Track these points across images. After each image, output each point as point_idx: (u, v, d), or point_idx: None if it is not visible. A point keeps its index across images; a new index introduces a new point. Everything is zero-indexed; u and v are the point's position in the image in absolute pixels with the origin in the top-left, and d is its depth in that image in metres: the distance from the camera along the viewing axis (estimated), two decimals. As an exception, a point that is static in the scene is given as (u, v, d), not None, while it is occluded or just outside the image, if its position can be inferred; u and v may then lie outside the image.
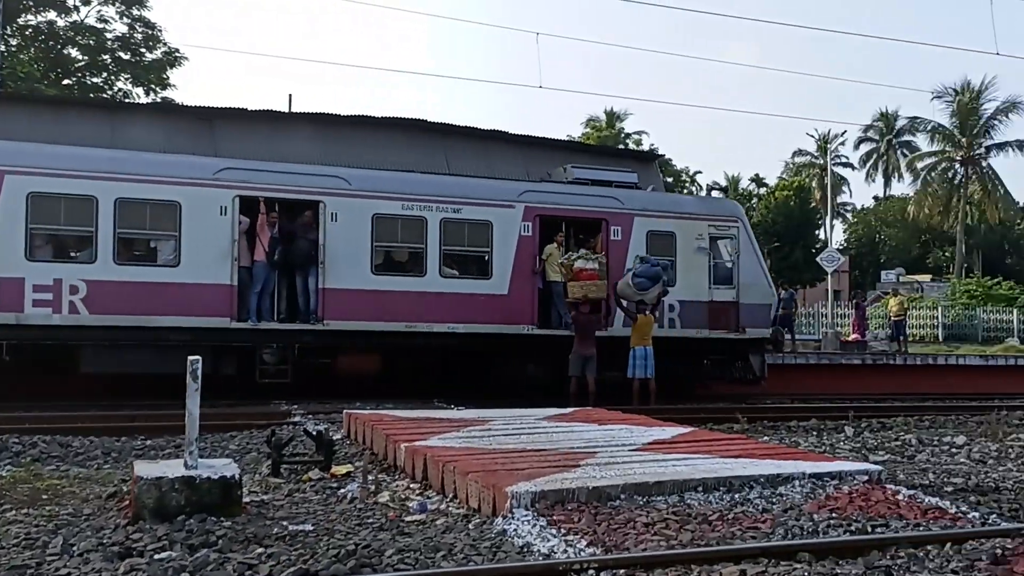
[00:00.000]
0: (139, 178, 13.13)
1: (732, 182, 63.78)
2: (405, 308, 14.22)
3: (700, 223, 16.32)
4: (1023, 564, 4.55)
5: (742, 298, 16.34)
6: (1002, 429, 10.89)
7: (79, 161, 13.07)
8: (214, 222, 13.34)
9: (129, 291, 12.88)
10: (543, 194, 15.50)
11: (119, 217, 12.95)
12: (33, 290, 12.45)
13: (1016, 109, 49.89)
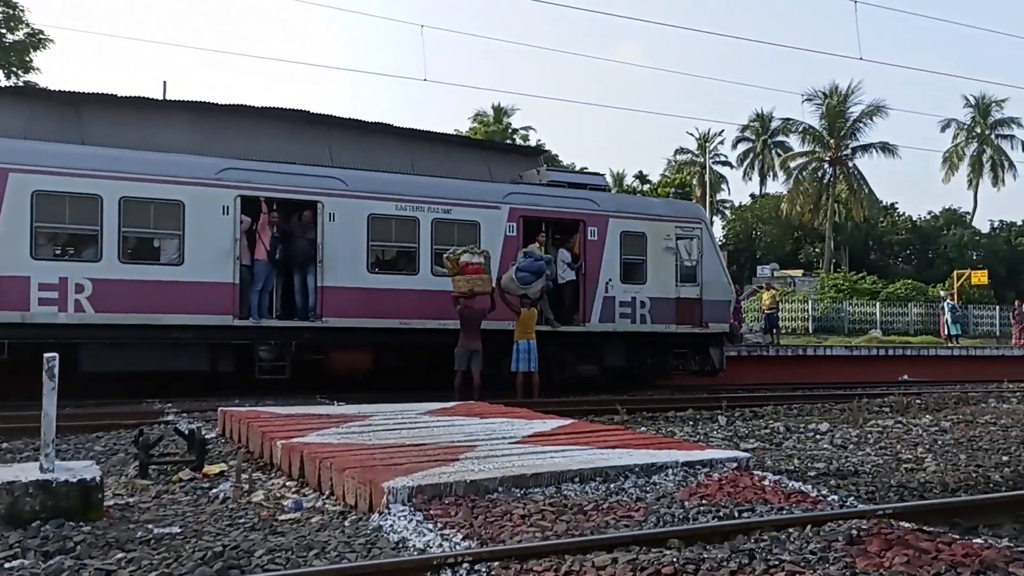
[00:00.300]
0: (143, 177, 13.31)
1: (617, 178, 65.04)
2: (399, 305, 14.70)
3: (668, 224, 17.28)
4: (876, 543, 4.78)
5: (705, 295, 17.40)
6: (862, 416, 11.49)
7: (84, 160, 13.17)
8: (216, 221, 13.61)
9: (134, 290, 13.04)
10: (526, 196, 16.21)
11: (124, 216, 13.11)
12: (39, 288, 12.49)
13: (880, 112, 52.78)
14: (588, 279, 16.03)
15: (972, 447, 8.73)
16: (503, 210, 15.71)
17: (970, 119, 60.03)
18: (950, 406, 13.29)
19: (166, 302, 13.17)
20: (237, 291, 13.74)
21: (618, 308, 16.51)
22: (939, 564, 4.44)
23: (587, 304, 16.09)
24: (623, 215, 16.85)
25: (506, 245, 15.62)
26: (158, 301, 13.13)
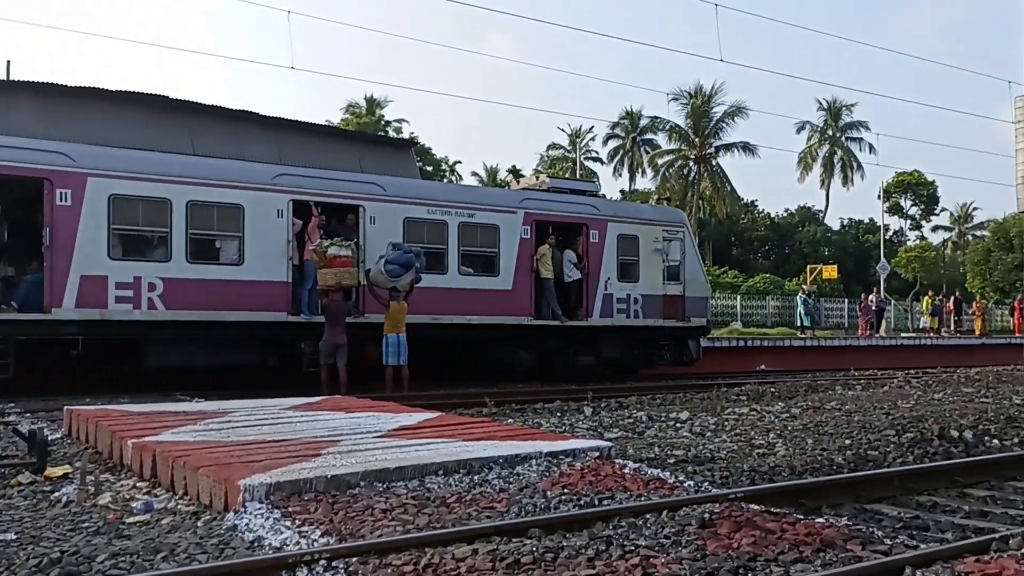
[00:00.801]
0: (207, 182, 14.09)
1: (490, 173, 65.39)
2: (431, 302, 15.46)
3: (656, 228, 18.72)
4: (726, 526, 4.97)
5: (687, 292, 18.94)
6: (720, 404, 11.95)
7: (155, 165, 13.88)
8: (272, 224, 14.45)
9: (199, 288, 13.77)
10: (539, 201, 17.44)
11: (190, 219, 13.82)
12: (116, 287, 13.14)
13: (741, 113, 55.09)
14: (590, 278, 17.45)
15: (819, 432, 9.19)
16: (519, 214, 16.87)
17: (823, 122, 63.44)
18: (801, 394, 13.99)
19: (227, 300, 13.94)
20: (290, 289, 14.64)
21: (615, 304, 17.88)
22: (783, 543, 4.65)
23: (590, 300, 17.50)
24: (619, 219, 18.27)
25: (521, 246, 16.87)
26: (220, 299, 13.87)
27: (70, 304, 12.93)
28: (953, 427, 9.21)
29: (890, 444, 8.44)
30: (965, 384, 15.88)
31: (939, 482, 7.00)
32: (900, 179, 63.00)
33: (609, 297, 17.79)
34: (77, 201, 13.12)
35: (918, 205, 66.52)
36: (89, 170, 13.25)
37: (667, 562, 4.28)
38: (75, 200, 13.11)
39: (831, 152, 63.09)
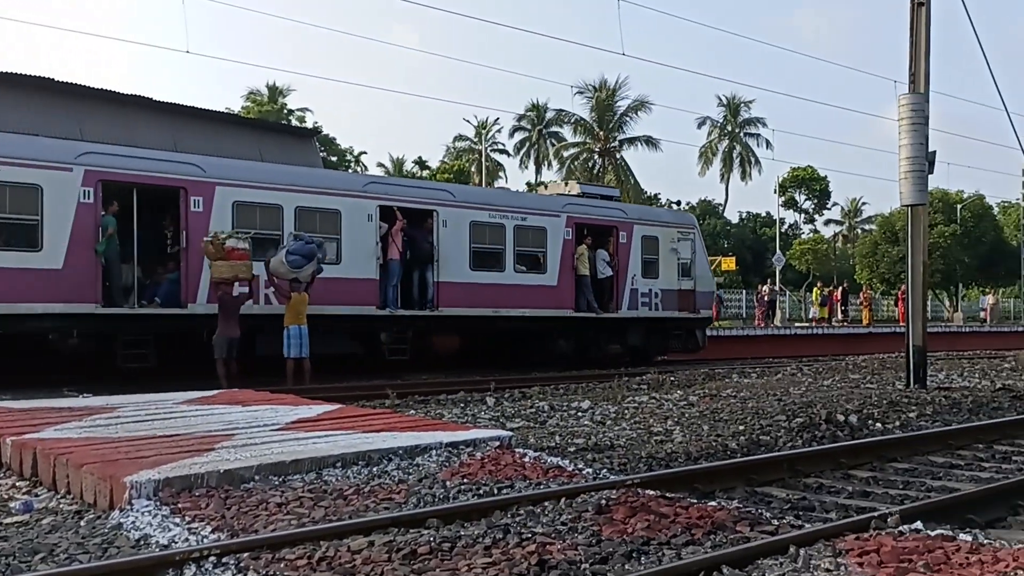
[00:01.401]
0: (311, 190, 15.63)
1: (396, 164, 64.81)
2: (491, 297, 17.39)
3: (672, 230, 20.81)
4: (622, 511, 5.05)
5: (697, 287, 21.05)
6: (621, 393, 12.16)
7: (270, 175, 15.58)
8: (364, 227, 15.99)
9: None
10: (578, 206, 19.42)
11: (299, 223, 15.20)
12: (239, 284, 14.19)
13: (644, 108, 56.05)
14: (619, 275, 19.54)
15: (714, 419, 9.46)
16: (562, 218, 18.80)
17: (723, 118, 65.06)
18: (699, 382, 14.36)
19: (329, 295, 15.09)
20: (378, 286, 16.17)
21: (640, 298, 19.96)
22: (676, 527, 4.75)
23: (619, 295, 19.59)
24: (643, 222, 20.40)
25: (564, 247, 18.80)
26: (324, 294, 14.88)
27: (203, 300, 14.38)
28: (840, 412, 9.60)
29: (781, 429, 8.74)
30: (853, 371, 16.58)
31: (825, 465, 7.27)
32: (795, 174, 65.12)
33: (635, 292, 19.88)
34: (207, 207, 14.53)
35: (811, 199, 68.87)
36: (217, 179, 14.69)
37: (563, 548, 4.32)
38: (206, 206, 14.51)
39: (730, 147, 64.76)
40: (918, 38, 12.80)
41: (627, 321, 19.63)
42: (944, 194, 56.80)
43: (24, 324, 12.85)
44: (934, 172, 12.98)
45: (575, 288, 18.82)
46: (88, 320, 13.47)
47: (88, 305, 13.42)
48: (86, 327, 13.57)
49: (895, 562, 3.91)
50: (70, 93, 16.14)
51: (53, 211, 13.17)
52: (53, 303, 13.11)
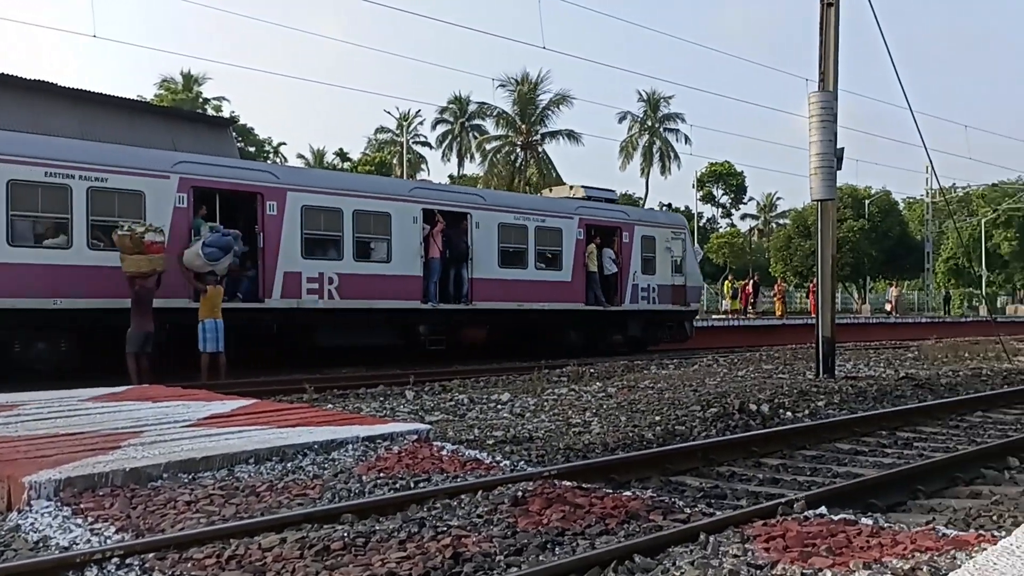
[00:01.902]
0: (367, 195, 16.90)
1: (317, 155, 63.85)
2: (517, 292, 18.86)
3: (667, 230, 22.52)
4: (538, 503, 5.08)
5: (687, 283, 22.80)
6: (541, 385, 12.22)
7: (332, 180, 17.87)
8: (409, 228, 17.29)
9: (362, 281, 16.52)
10: (589, 209, 20.94)
11: (356, 225, 16.52)
12: (307, 281, 15.74)
13: (566, 102, 56.38)
14: (623, 272, 21.12)
15: (632, 410, 9.57)
16: (575, 219, 20.33)
17: (643, 113, 65.90)
18: (617, 374, 14.53)
19: (380, 291, 16.72)
20: (422, 282, 17.42)
21: (640, 293, 21.56)
22: (591, 517, 4.80)
23: (623, 290, 21.19)
24: (643, 223, 22.06)
25: (577, 246, 20.24)
26: (376, 290, 16.67)
27: (277, 295, 15.55)
28: (752, 402, 9.84)
29: (696, 419, 8.90)
30: (766, 362, 17.02)
31: (738, 453, 7.45)
32: (712, 169, 66.63)
33: (636, 287, 21.51)
34: (280, 211, 15.63)
35: (728, 194, 70.58)
36: (288, 185, 15.89)
37: (478, 540, 4.32)
38: (279, 211, 15.62)
39: (650, 142, 65.63)
40: (827, 38, 13.17)
41: (629, 314, 21.37)
42: (853, 190, 58.75)
43: (121, 318, 13.24)
44: (842, 168, 13.39)
45: (586, 284, 20.43)
46: (179, 313, 14.15)
47: (181, 300, 14.29)
48: (178, 320, 14.13)
49: (799, 546, 4.02)
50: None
51: (154, 215, 14.15)
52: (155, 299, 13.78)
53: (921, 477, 6.29)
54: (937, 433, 8.85)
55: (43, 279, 13.07)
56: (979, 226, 63.50)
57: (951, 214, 50.29)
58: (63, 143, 13.92)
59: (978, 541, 3.93)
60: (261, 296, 15.42)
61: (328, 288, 16.07)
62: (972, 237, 63.88)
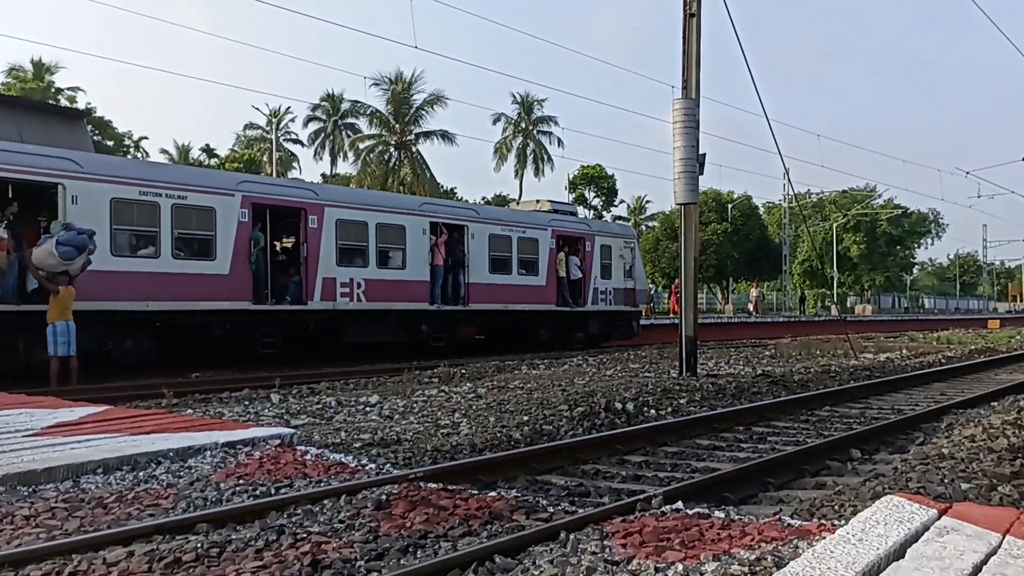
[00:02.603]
0: (387, 209, 19.37)
1: (182, 151, 61.46)
2: (504, 295, 21.01)
3: (620, 240, 25.57)
4: (402, 506, 5.03)
5: (636, 286, 25.92)
6: (411, 387, 12.15)
7: (360, 197, 21.06)
8: (420, 239, 19.67)
9: (384, 286, 18.88)
10: (559, 222, 23.78)
11: (378, 236, 18.85)
12: (340, 286, 17.89)
13: (440, 102, 56.27)
14: (585, 276, 23.88)
15: (501, 410, 9.64)
16: (548, 231, 22.99)
17: (517, 115, 66.52)
18: (488, 375, 14.61)
19: (398, 294, 19.14)
20: (429, 287, 19.82)
21: (599, 295, 24.35)
22: (454, 519, 4.79)
23: (586, 292, 23.90)
24: (601, 234, 25.08)
25: (550, 254, 22.89)
26: (394, 293, 19.08)
27: (317, 299, 17.65)
28: (618, 400, 10.07)
29: (563, 418, 9.04)
30: (633, 361, 17.47)
31: (603, 451, 7.60)
32: (585, 172, 67.83)
33: (596, 290, 24.26)
34: (319, 225, 17.76)
35: (600, 197, 71.99)
36: (326, 202, 18.13)
37: (338, 547, 4.24)
38: (318, 224, 17.76)
39: (524, 144, 66.30)
40: (690, 47, 13.64)
41: (590, 314, 24.18)
42: (717, 194, 61.12)
43: (197, 318, 15.76)
44: (704, 173, 13.90)
45: (556, 287, 23.10)
46: (242, 314, 16.43)
47: (243, 303, 16.42)
48: (240, 320, 16.44)
49: (655, 541, 4.13)
50: None
51: (223, 227, 16.14)
52: (222, 301, 16.09)
53: (772, 470, 6.59)
54: (789, 427, 9.29)
55: (137, 285, 14.92)
56: (831, 230, 67.23)
57: (805, 219, 53.00)
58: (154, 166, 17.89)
59: (819, 530, 4.14)
60: (304, 299, 17.62)
61: (357, 292, 18.44)
62: (825, 241, 67.60)
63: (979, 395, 11.61)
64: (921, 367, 16.49)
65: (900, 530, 3.42)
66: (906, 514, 3.63)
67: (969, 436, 7.47)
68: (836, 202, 70.63)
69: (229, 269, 16.16)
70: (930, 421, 9.47)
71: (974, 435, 7.51)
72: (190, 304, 15.55)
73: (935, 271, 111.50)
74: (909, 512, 3.65)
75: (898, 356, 19.68)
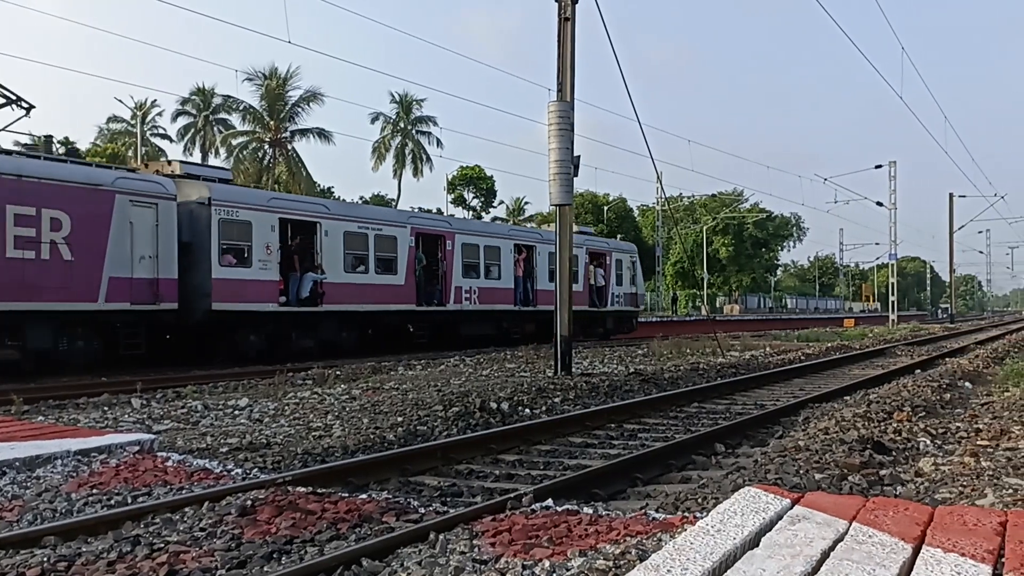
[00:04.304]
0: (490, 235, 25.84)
1: (40, 144, 57.98)
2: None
3: (627, 255, 32.26)
4: (267, 511, 4.88)
5: (637, 291, 33.21)
6: (283, 389, 11.84)
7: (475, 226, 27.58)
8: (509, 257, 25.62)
9: (488, 292, 24.68)
10: (592, 242, 30.49)
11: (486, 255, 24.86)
12: (464, 293, 23.86)
13: (317, 99, 55.25)
14: (608, 284, 30.16)
15: (375, 412, 9.50)
16: (584, 249, 28.54)
17: (395, 114, 65.99)
18: (364, 375, 14.40)
19: (495, 298, 24.85)
20: (513, 292, 25.86)
21: (615, 298, 30.67)
22: (322, 523, 4.69)
23: (608, 297, 30.20)
24: (616, 250, 31.58)
25: (584, 267, 28.65)
26: (493, 297, 24.76)
27: (451, 302, 23.38)
28: (493, 400, 10.09)
29: (438, 419, 9.00)
30: (510, 360, 17.58)
31: (477, 451, 7.60)
32: (463, 173, 67.92)
33: (613, 294, 30.58)
34: (452, 247, 23.50)
35: (479, 197, 72.23)
36: (457, 230, 24.12)
37: (198, 556, 4.09)
38: (452, 247, 23.49)
39: (403, 144, 65.83)
40: (564, 51, 13.84)
41: (609, 312, 30.51)
42: (593, 196, 62.32)
43: (386, 318, 21.81)
44: (579, 175, 14.11)
45: (589, 292, 28.90)
46: (410, 314, 22.40)
47: (411, 305, 22.21)
48: (407, 318, 22.59)
49: (524, 539, 4.15)
50: None
51: (401, 251, 21.87)
52: (401, 304, 21.86)
53: (640, 466, 6.74)
54: (659, 424, 9.54)
55: (355, 293, 20.59)
56: (702, 233, 69.64)
57: (677, 222, 54.67)
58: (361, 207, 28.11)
59: (682, 523, 4.26)
60: (444, 302, 23.33)
61: (473, 297, 24.02)
62: (696, 243, 69.94)
63: (833, 390, 12.23)
64: (783, 364, 17.25)
65: (755, 520, 3.54)
66: (761, 504, 3.77)
67: (823, 429, 7.86)
68: (706, 205, 73.26)
69: (404, 280, 22.06)
70: (789, 415, 9.91)
71: (828, 428, 7.90)
72: (382, 306, 21.47)
73: (797, 272, 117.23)
74: (764, 502, 3.80)
75: (762, 354, 20.54)
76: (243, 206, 17.71)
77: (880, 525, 3.50)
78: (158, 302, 16.00)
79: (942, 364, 16.99)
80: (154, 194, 16.18)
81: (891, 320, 46.66)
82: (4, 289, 13.91)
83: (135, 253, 15.72)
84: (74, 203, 14.90)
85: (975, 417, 9.02)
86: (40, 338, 14.62)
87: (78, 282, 14.87)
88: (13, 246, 14.05)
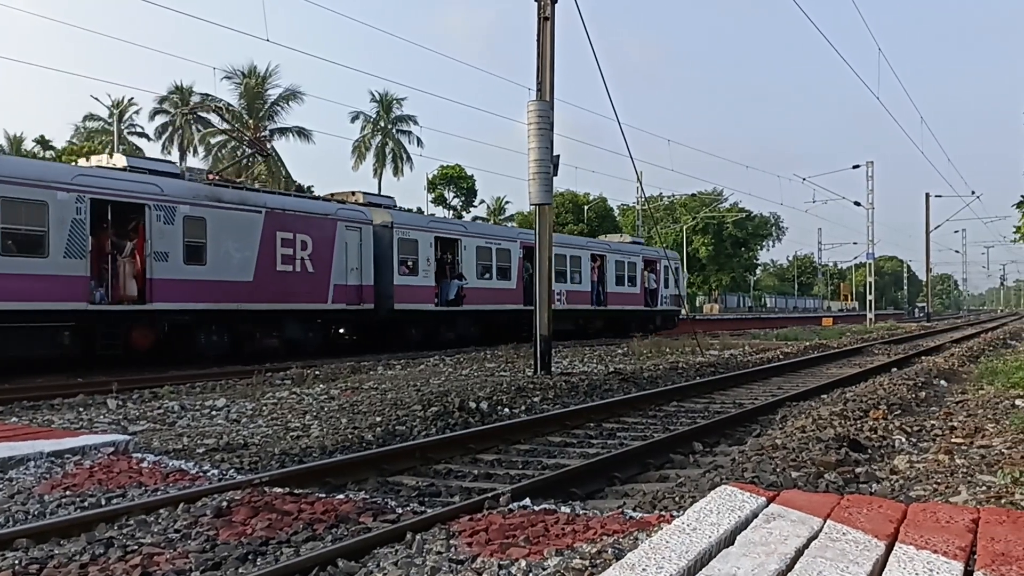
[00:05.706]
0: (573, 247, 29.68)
1: (14, 142, 57.49)
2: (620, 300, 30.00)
3: (673, 262, 35.41)
4: (243, 512, 4.85)
5: (680, 293, 35.62)
6: (261, 389, 11.78)
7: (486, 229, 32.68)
8: (587, 264, 29.77)
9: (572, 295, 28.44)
10: (646, 251, 35.16)
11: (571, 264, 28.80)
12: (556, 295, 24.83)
13: (296, 98, 54.98)
14: (659, 287, 33.93)
15: (354, 412, 9.47)
16: (639, 257, 33.55)
17: (375, 113, 65.77)
18: (343, 375, 14.35)
19: (577, 299, 28.82)
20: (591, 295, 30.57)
21: (663, 300, 34.44)
22: (299, 523, 4.67)
23: (658, 298, 33.88)
24: (664, 258, 34.19)
25: (640, 273, 33.31)
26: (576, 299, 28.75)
27: None
28: (472, 399, 10.07)
29: (417, 419, 8.97)
30: (490, 360, 17.57)
31: (455, 451, 7.58)
32: (444, 172, 67.81)
33: (661, 296, 34.29)
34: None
35: (460, 196, 72.12)
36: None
37: (172, 558, 4.05)
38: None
39: (383, 143, 65.60)
40: (544, 50, 13.84)
41: (659, 311, 34.40)
42: (574, 195, 62.41)
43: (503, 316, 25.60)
44: (559, 175, 14.13)
45: (644, 294, 33.34)
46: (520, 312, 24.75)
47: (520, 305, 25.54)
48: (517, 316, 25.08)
49: (501, 538, 4.15)
50: None
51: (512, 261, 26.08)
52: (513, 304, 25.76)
53: (618, 465, 6.75)
54: (638, 423, 9.55)
55: (483, 296, 24.48)
56: (682, 232, 69.92)
57: (657, 222, 54.86)
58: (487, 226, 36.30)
59: (659, 521, 4.27)
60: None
61: (562, 299, 26.92)
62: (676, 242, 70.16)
63: (811, 388, 12.31)
64: (761, 363, 17.34)
65: (731, 518, 3.56)
66: (737, 503, 3.78)
67: (800, 427, 7.91)
68: (686, 205, 73.55)
69: (515, 285, 25.97)
70: (767, 414, 9.96)
71: (804, 426, 7.95)
72: (501, 306, 25.29)
73: (776, 272, 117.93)
74: (740, 501, 3.81)
75: (741, 353, 20.64)
76: (412, 227, 22.97)
77: (854, 523, 3.53)
78: (362, 303, 20.77)
79: (918, 362, 17.14)
80: (360, 220, 21.09)
81: (868, 319, 47.06)
82: (275, 294, 18.65)
83: (348, 266, 20.51)
84: (313, 228, 19.73)
85: (950, 415, 9.11)
86: (293, 330, 19.45)
87: (316, 288, 19.69)
88: (280, 262, 18.86)
